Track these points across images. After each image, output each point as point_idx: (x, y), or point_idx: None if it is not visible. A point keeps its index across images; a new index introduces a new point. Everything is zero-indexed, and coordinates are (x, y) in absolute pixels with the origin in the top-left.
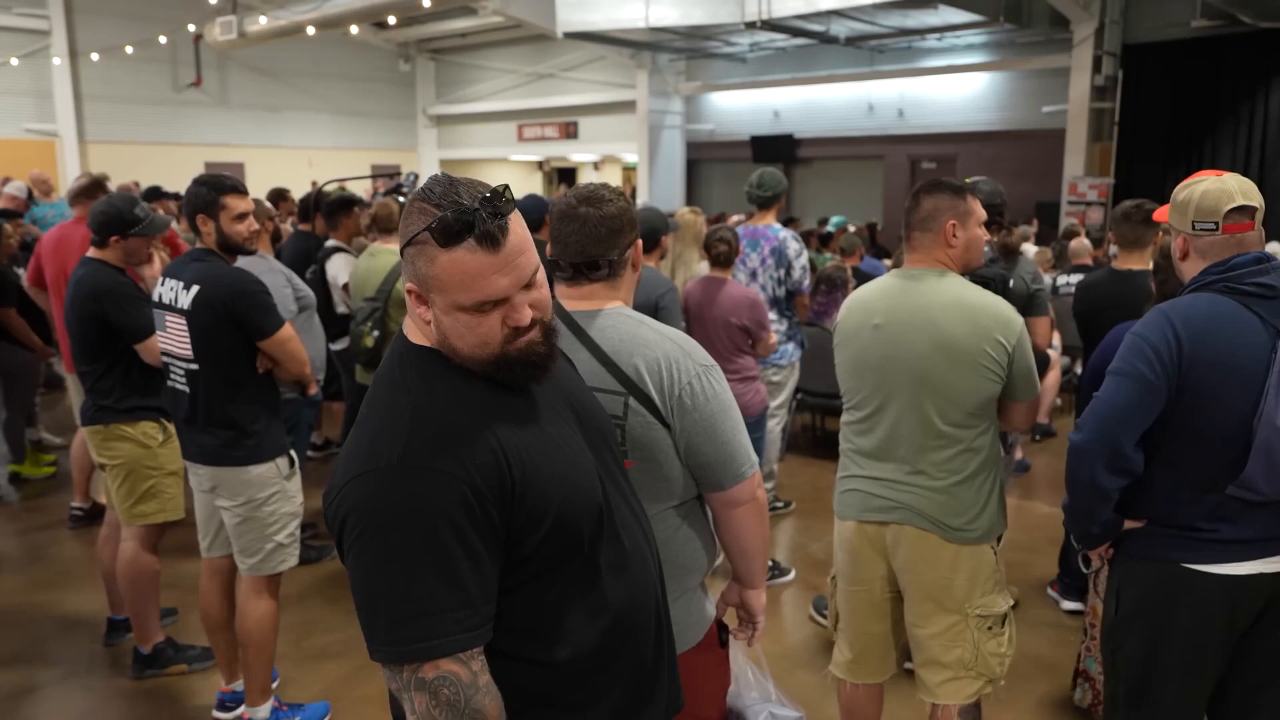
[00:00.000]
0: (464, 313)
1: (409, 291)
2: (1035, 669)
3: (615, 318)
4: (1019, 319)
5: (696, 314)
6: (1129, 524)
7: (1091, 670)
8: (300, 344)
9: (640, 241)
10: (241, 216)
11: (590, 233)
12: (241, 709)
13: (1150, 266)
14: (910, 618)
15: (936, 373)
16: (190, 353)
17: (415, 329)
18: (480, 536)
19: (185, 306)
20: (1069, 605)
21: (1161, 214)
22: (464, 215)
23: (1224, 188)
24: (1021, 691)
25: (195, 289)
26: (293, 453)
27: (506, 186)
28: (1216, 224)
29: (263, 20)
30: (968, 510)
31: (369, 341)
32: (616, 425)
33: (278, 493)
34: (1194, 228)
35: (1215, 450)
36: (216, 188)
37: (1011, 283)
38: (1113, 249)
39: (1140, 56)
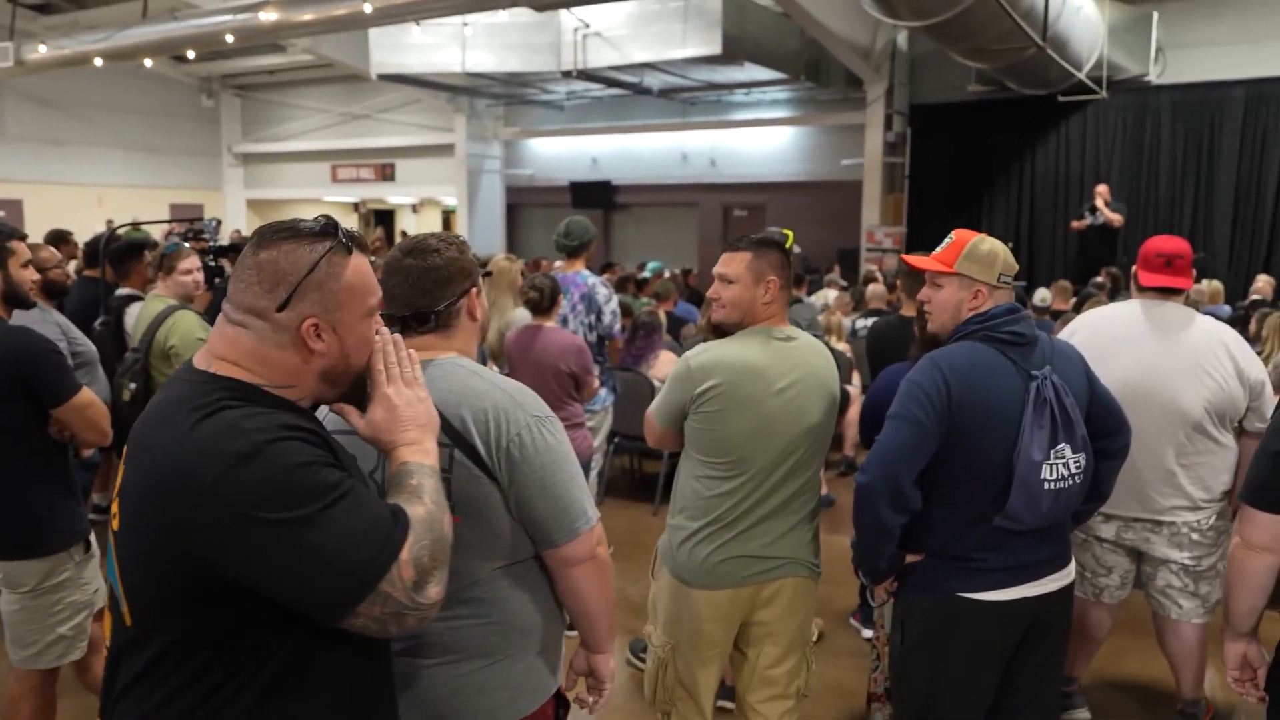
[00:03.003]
0: (368, 318)
1: (313, 327)
2: (837, 697)
3: (446, 368)
4: None
5: (522, 361)
6: (910, 558)
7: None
8: (99, 409)
9: (477, 290)
10: (27, 263)
11: (415, 285)
12: None
13: None
14: (766, 661)
15: (823, 424)
16: None
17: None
18: None
19: None
20: (869, 634)
21: (922, 262)
22: (343, 227)
23: (1006, 248)
24: (824, 719)
25: None
26: (92, 537)
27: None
28: (1012, 278)
29: (43, 49)
30: (818, 549)
31: (125, 395)
32: (443, 479)
33: (67, 580)
34: (999, 279)
35: (982, 485)
36: (2, 233)
37: None
38: (903, 295)
39: (926, 116)
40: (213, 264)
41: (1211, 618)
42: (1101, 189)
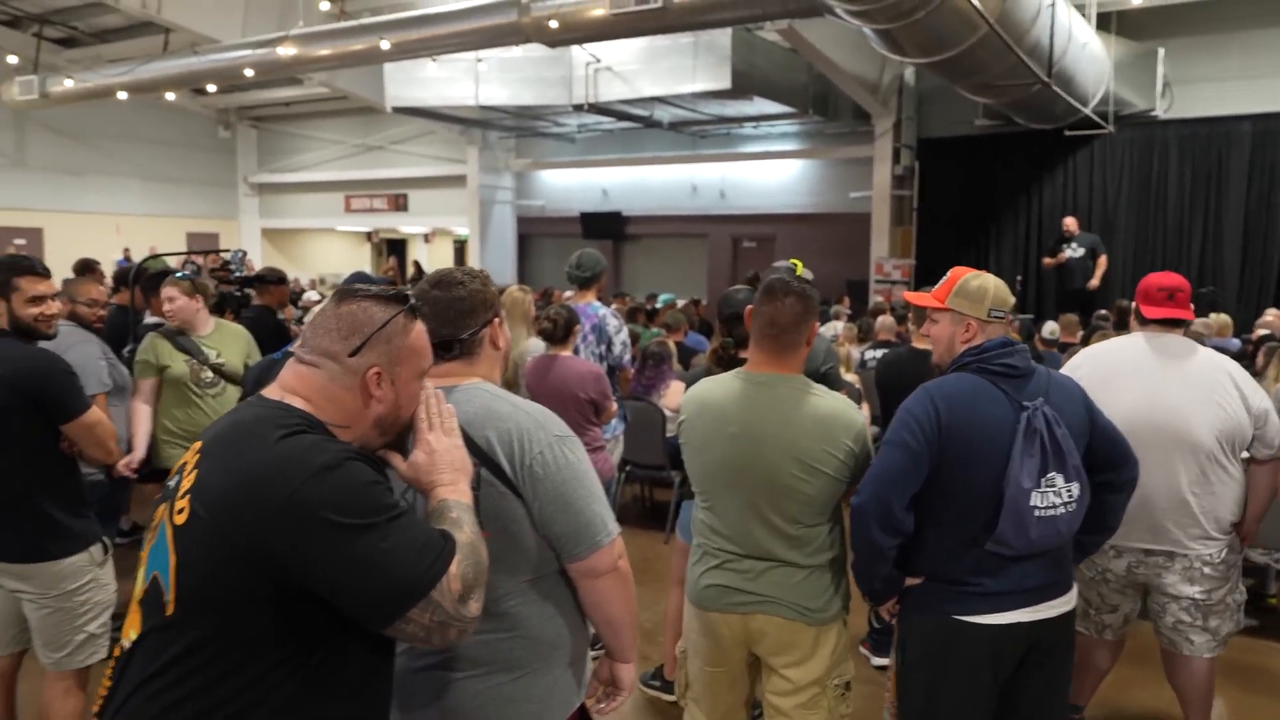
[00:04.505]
0: (419, 378)
1: (376, 375)
2: None
3: (471, 392)
4: (860, 417)
5: (540, 390)
6: (910, 581)
7: None
8: (107, 428)
9: (499, 320)
10: (37, 300)
11: (440, 315)
12: None
13: None
14: (772, 690)
15: (793, 482)
16: None
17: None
18: None
19: None
20: (878, 661)
21: (918, 299)
22: (409, 296)
23: (1001, 283)
24: None
25: None
26: (105, 538)
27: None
28: (1005, 312)
29: (69, 83)
30: (823, 594)
31: None
32: (473, 495)
33: (91, 581)
34: (989, 314)
35: (973, 510)
36: (9, 268)
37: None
38: (912, 326)
39: (933, 150)
40: (238, 294)
41: (1224, 650)
42: (1069, 221)
